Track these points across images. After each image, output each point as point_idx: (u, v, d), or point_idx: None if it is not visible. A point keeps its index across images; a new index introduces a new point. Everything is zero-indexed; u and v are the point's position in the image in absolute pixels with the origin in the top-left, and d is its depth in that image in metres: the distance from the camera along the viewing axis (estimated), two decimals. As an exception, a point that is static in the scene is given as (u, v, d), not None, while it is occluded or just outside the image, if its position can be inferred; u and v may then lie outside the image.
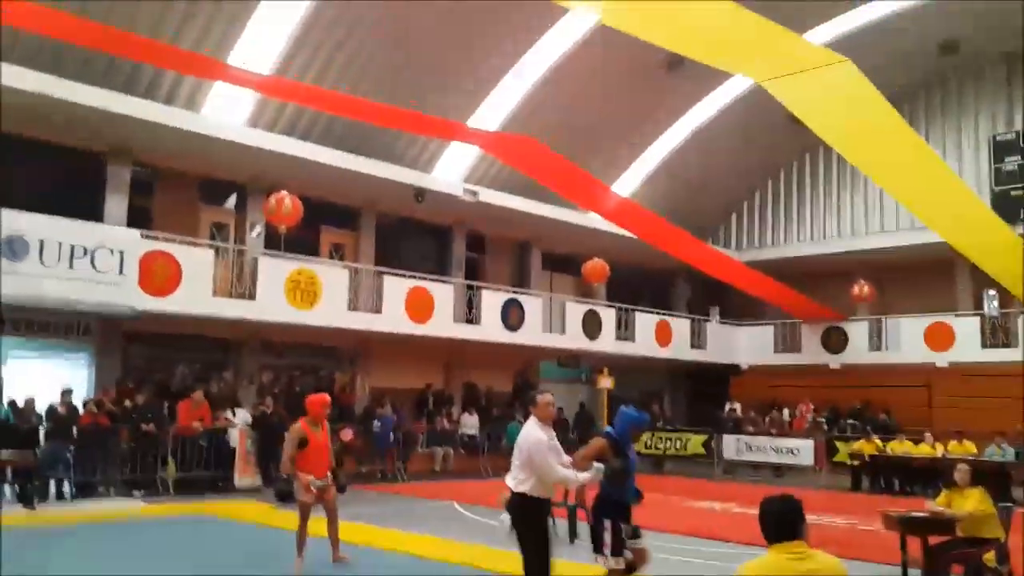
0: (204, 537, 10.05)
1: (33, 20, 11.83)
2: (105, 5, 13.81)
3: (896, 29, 20.29)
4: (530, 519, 5.75)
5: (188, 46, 14.86)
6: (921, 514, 7.64)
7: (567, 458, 6.08)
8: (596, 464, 6.01)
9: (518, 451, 5.84)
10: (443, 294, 18.13)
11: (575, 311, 21.03)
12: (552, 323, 20.59)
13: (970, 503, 7.40)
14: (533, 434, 5.83)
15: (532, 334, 19.63)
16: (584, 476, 5.93)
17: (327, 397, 8.31)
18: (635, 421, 6.36)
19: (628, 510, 6.23)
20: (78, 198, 14.84)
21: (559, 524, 9.74)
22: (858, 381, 21.94)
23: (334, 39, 16.58)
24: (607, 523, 6.10)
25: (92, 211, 14.67)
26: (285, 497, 7.86)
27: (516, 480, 5.82)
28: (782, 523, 3.33)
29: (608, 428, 6.59)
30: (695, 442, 21.21)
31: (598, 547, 6.13)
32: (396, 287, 17.27)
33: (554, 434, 5.99)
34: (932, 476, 15.67)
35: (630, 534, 6.12)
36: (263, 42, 15.89)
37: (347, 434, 15.29)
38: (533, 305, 20.02)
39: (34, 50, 13.69)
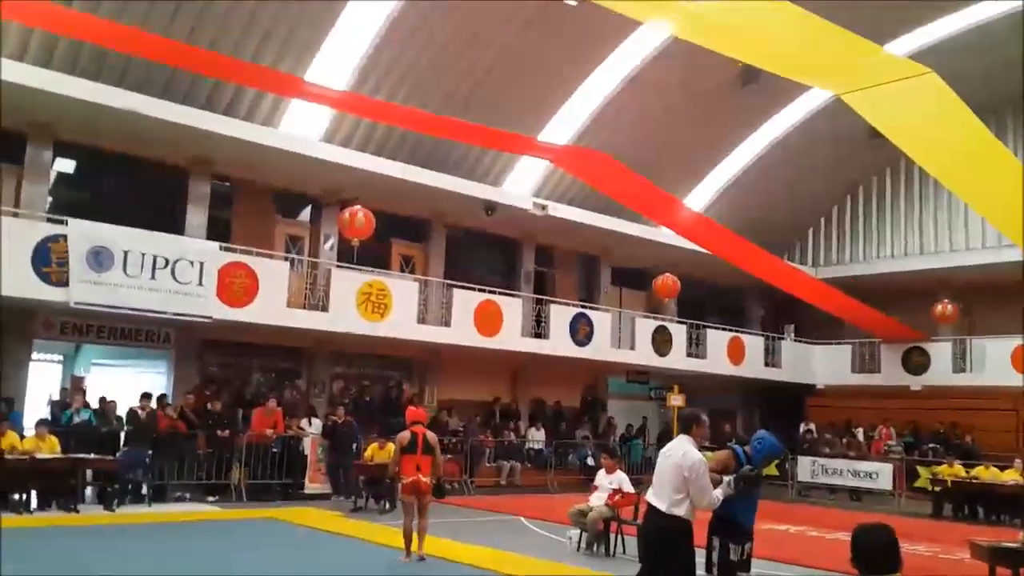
0: (271, 539, 10.27)
1: (122, 41, 12.38)
2: (187, 27, 14.33)
3: (981, 41, 19.55)
4: (684, 543, 5.52)
5: (267, 64, 15.28)
6: (1013, 544, 7.31)
7: None
8: (725, 478, 5.81)
9: (675, 471, 5.52)
10: (512, 308, 18.15)
11: (645, 327, 20.80)
12: (621, 338, 20.44)
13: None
14: (695, 454, 5.55)
15: (601, 349, 19.49)
16: (719, 493, 5.67)
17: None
18: (775, 450, 6.14)
19: (741, 530, 6.02)
20: (161, 211, 15.39)
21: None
22: (940, 404, 21.14)
23: (407, 55, 16.82)
24: (716, 542, 5.97)
25: (173, 223, 15.16)
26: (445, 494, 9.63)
27: (670, 501, 5.51)
28: (881, 555, 3.24)
29: (735, 446, 6.36)
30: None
31: (708, 567, 6.01)
32: (465, 300, 17.37)
33: None
34: (1019, 504, 14.97)
35: (742, 558, 5.93)
36: (338, 59, 16.23)
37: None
38: (602, 320, 19.86)
39: (120, 69, 14.28)
